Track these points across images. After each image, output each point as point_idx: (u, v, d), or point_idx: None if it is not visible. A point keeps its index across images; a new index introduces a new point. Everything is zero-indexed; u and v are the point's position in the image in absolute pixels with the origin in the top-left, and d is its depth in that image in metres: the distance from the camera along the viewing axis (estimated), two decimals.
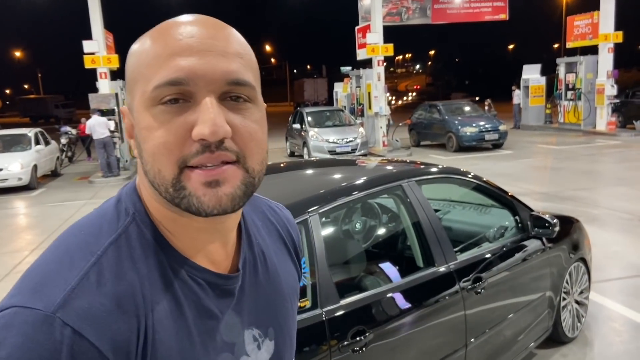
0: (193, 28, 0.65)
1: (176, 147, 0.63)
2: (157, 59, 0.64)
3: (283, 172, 3.19)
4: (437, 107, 16.29)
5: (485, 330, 2.74)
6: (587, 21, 17.96)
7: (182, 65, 0.62)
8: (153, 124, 0.64)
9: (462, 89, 60.41)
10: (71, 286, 0.61)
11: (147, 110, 0.64)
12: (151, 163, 0.65)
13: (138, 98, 0.66)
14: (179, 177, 0.63)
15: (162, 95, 0.63)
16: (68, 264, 0.63)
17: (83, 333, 0.58)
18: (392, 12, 17.62)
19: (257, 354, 0.77)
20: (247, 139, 0.65)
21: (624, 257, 5.39)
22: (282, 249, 0.88)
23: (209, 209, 0.64)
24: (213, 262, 0.73)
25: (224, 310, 0.72)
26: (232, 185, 0.64)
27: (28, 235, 8.04)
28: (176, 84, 0.62)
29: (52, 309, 0.58)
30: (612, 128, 16.72)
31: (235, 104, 0.65)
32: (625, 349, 3.61)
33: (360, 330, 2.10)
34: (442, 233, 2.66)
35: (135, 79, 0.67)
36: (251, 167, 0.66)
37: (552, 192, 8.70)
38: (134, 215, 0.70)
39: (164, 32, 0.66)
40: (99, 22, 13.60)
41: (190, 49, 0.63)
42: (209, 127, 0.61)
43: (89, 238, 0.67)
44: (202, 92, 0.63)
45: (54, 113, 46.96)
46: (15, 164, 11.62)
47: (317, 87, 48.64)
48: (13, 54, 75.39)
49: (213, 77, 0.63)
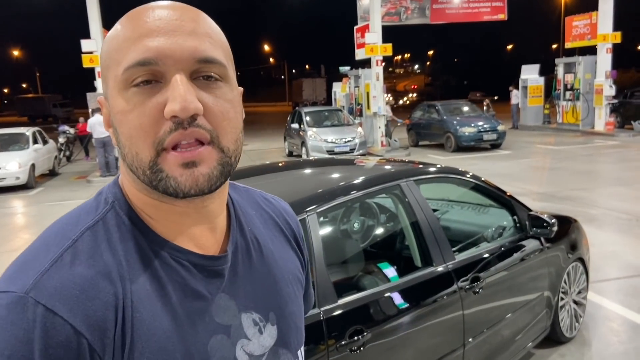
0: (162, 11, 0.66)
1: (151, 129, 0.63)
2: (126, 42, 0.65)
3: (281, 172, 3.18)
4: (436, 107, 16.29)
5: (483, 330, 2.74)
6: (585, 21, 17.98)
7: (150, 45, 0.63)
8: (126, 107, 0.64)
9: (462, 90, 60.40)
10: (45, 267, 0.61)
11: (120, 93, 0.65)
12: (128, 146, 0.65)
13: (111, 83, 0.66)
14: (156, 160, 0.64)
15: (133, 77, 0.64)
16: (44, 251, 0.64)
17: (55, 310, 0.58)
18: (390, 12, 17.63)
19: (260, 338, 0.76)
20: (220, 118, 0.66)
21: (622, 257, 5.39)
22: (280, 237, 0.87)
23: (186, 189, 0.65)
24: (200, 246, 0.73)
25: (213, 291, 0.72)
26: (208, 165, 0.65)
27: (26, 234, 8.02)
28: (145, 64, 0.63)
29: (25, 290, 0.59)
30: (610, 128, 16.75)
31: (207, 83, 0.66)
32: (623, 349, 3.62)
33: (358, 330, 2.10)
34: (441, 233, 2.66)
35: (107, 65, 0.67)
36: (226, 147, 0.67)
37: (550, 192, 8.71)
38: (112, 204, 0.70)
39: (133, 17, 0.66)
40: (97, 21, 13.58)
41: (158, 30, 0.64)
42: (179, 102, 0.62)
43: (67, 227, 0.68)
44: (171, 71, 0.63)
45: (52, 112, 46.87)
46: (13, 163, 11.60)
47: (315, 87, 48.65)
48: (11, 53, 75.24)
49: (181, 55, 0.64)
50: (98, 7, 13.61)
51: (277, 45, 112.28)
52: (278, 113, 34.97)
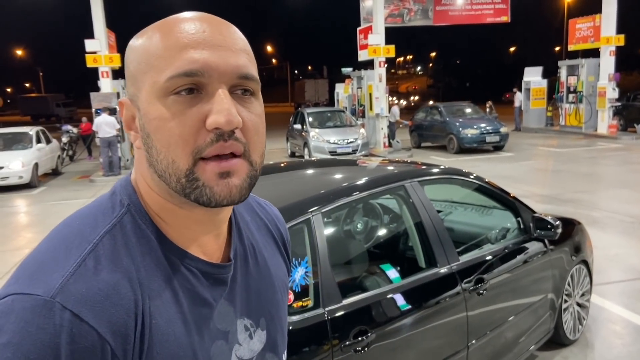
0: (202, 24, 0.67)
1: (191, 138, 0.64)
2: (169, 51, 0.65)
3: (285, 172, 3.18)
4: (439, 109, 16.28)
5: (487, 332, 2.73)
6: (589, 24, 17.96)
7: (197, 57, 0.64)
8: (166, 114, 0.65)
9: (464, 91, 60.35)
10: (69, 272, 0.62)
11: (159, 100, 0.66)
12: (164, 153, 0.66)
13: (148, 88, 0.67)
14: (193, 169, 0.65)
15: (175, 85, 0.65)
16: (64, 252, 0.64)
17: (82, 316, 0.59)
18: (393, 13, 17.62)
19: (250, 343, 0.78)
20: (252, 132, 0.68)
21: (625, 259, 5.38)
22: (271, 244, 0.90)
23: (220, 199, 0.66)
24: (205, 253, 0.74)
25: (217, 298, 0.74)
26: (240, 177, 0.67)
27: (29, 233, 8.04)
28: (191, 75, 0.64)
29: (51, 294, 0.59)
30: (613, 131, 16.72)
31: (242, 97, 0.68)
32: (626, 352, 3.61)
33: (362, 330, 2.10)
34: (445, 234, 2.66)
35: (143, 70, 0.68)
36: (254, 160, 0.69)
37: (553, 194, 8.70)
38: (128, 207, 0.71)
39: (173, 26, 0.67)
40: (101, 21, 13.61)
41: (203, 43, 0.65)
42: (224, 116, 0.63)
43: (85, 228, 0.68)
44: (214, 84, 0.65)
45: (55, 112, 46.95)
46: (17, 162, 11.62)
47: (318, 88, 48.66)
48: (14, 53, 75.44)
49: (225, 70, 0.66)
50: (102, 7, 13.64)
51: (280, 46, 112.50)
52: (280, 114, 35.01)
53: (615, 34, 16.83)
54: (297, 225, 2.14)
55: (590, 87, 17.73)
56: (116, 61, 13.85)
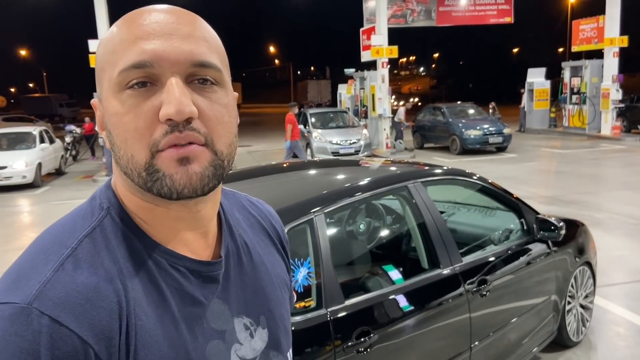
0: (159, 15, 0.66)
1: (146, 131, 0.63)
2: (121, 44, 0.64)
3: (288, 172, 3.18)
4: (441, 110, 16.26)
5: (490, 333, 2.72)
6: (592, 25, 17.93)
7: (146, 48, 0.63)
8: (121, 110, 0.64)
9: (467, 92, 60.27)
10: (46, 277, 0.60)
11: (114, 96, 0.65)
12: (124, 149, 0.65)
13: (105, 85, 0.66)
14: (151, 162, 0.64)
15: (128, 79, 0.63)
16: (43, 259, 0.63)
17: (61, 321, 0.58)
18: (396, 14, 17.61)
19: (251, 342, 0.77)
20: (214, 122, 0.66)
21: (628, 261, 5.36)
22: (266, 241, 0.88)
23: (180, 187, 0.64)
24: (193, 252, 0.73)
25: (209, 297, 0.72)
26: (200, 164, 0.65)
27: (31, 233, 8.06)
28: (141, 66, 0.63)
29: (28, 301, 0.58)
30: (616, 132, 16.67)
31: (202, 87, 0.66)
32: (630, 354, 3.59)
33: (364, 331, 2.09)
34: (448, 235, 2.65)
35: (102, 67, 0.67)
36: (219, 150, 0.67)
37: (556, 195, 8.67)
38: (108, 209, 0.70)
39: (129, 20, 0.66)
40: (104, 21, 13.64)
41: (154, 33, 0.64)
42: (174, 105, 0.62)
43: (64, 234, 0.67)
44: (167, 74, 0.63)
45: (58, 112, 47.08)
46: (20, 161, 11.66)
47: (320, 89, 48.71)
48: (18, 53, 75.68)
49: (177, 58, 0.63)
50: (106, 7, 13.67)
51: (283, 46, 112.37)
52: (283, 114, 34.92)
53: (619, 35, 16.78)
54: (300, 225, 2.14)
55: (593, 88, 17.68)
56: None
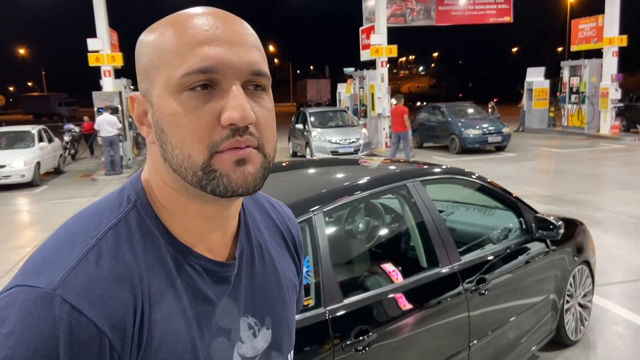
0: (215, 20, 0.68)
1: (207, 133, 0.66)
2: (183, 47, 0.66)
3: (288, 171, 3.18)
4: (441, 109, 16.26)
5: (488, 332, 2.73)
6: (591, 24, 17.93)
7: (211, 54, 0.66)
8: (180, 110, 0.66)
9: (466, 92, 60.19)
10: (71, 266, 0.64)
11: (173, 96, 0.67)
12: (180, 148, 0.67)
13: (162, 84, 0.68)
14: (209, 162, 0.66)
15: (190, 82, 0.66)
16: (69, 247, 0.66)
17: (81, 309, 0.61)
18: (396, 13, 17.61)
19: (253, 341, 0.79)
20: (264, 126, 0.69)
21: (627, 260, 5.37)
22: (281, 244, 0.90)
23: (236, 187, 0.67)
24: (211, 249, 0.75)
25: (220, 296, 0.75)
26: (254, 165, 0.68)
27: (30, 231, 8.05)
28: (206, 71, 0.65)
29: (52, 287, 0.62)
30: (615, 132, 16.68)
31: (255, 93, 0.69)
32: (628, 353, 3.60)
33: (363, 330, 2.09)
34: (446, 234, 2.65)
35: (156, 65, 0.68)
36: (268, 153, 0.70)
37: (555, 195, 8.68)
38: (135, 202, 0.72)
39: (186, 22, 0.68)
40: (103, 20, 13.62)
41: (217, 39, 0.67)
42: (239, 112, 0.65)
43: (90, 224, 0.70)
44: (228, 80, 0.66)
45: (57, 111, 47.05)
46: (19, 160, 11.65)
47: (320, 88, 48.62)
48: (17, 52, 75.58)
49: (239, 66, 0.67)
50: (104, 6, 13.65)
51: (282, 46, 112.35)
52: (282, 113, 34.95)
53: (618, 35, 16.78)
54: (299, 224, 2.13)
55: (592, 87, 17.69)
56: (118, 60, 13.87)
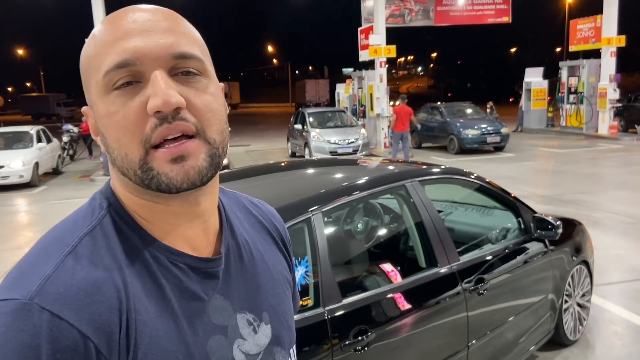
0: (137, 14, 0.67)
1: (137, 127, 0.64)
2: (103, 46, 0.65)
3: (287, 171, 3.18)
4: (439, 109, 16.27)
5: (487, 332, 2.73)
6: (590, 25, 17.95)
7: (127, 46, 0.64)
8: (111, 110, 0.65)
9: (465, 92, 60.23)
10: (47, 274, 0.62)
11: (102, 99, 0.66)
12: (117, 149, 0.66)
13: (93, 90, 0.67)
14: (146, 159, 0.65)
15: (113, 80, 0.64)
16: (44, 257, 0.65)
17: (61, 315, 0.59)
18: (395, 13, 17.62)
19: (254, 337, 0.78)
20: (203, 110, 0.67)
21: (625, 260, 5.38)
22: (268, 240, 0.89)
23: (178, 184, 0.65)
24: (194, 248, 0.74)
25: (209, 292, 0.73)
26: (196, 157, 0.66)
27: (29, 232, 8.04)
28: (124, 65, 0.63)
29: (29, 297, 0.60)
30: (614, 132, 16.70)
31: (187, 78, 0.66)
32: (627, 352, 3.61)
33: (362, 330, 2.09)
34: (445, 234, 2.65)
35: (88, 73, 0.68)
36: (212, 138, 0.67)
37: (554, 195, 8.69)
38: (108, 209, 0.71)
39: (109, 22, 0.67)
40: (102, 20, 13.60)
41: (132, 31, 0.65)
42: (160, 97, 0.62)
43: (65, 233, 0.68)
44: (150, 69, 0.64)
45: (55, 111, 46.99)
46: (17, 161, 11.63)
47: (318, 88, 48.61)
48: (15, 52, 75.49)
49: (158, 52, 0.64)
50: (103, 7, 13.64)
51: (281, 46, 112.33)
52: (281, 114, 35.07)
53: (617, 35, 16.80)
54: (298, 224, 2.14)
55: (591, 88, 17.70)
56: None
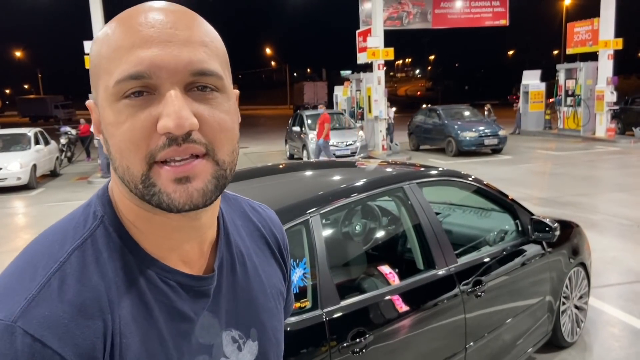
0: (155, 16, 0.62)
1: (143, 142, 0.61)
2: (117, 51, 0.62)
3: (285, 173, 3.19)
4: (437, 112, 16.30)
5: (485, 334, 2.73)
6: (587, 28, 18.01)
7: (143, 57, 0.60)
8: (118, 120, 0.62)
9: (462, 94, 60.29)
10: (32, 294, 0.59)
11: (111, 106, 0.62)
12: (119, 160, 0.63)
13: (102, 93, 0.64)
14: (148, 174, 0.62)
15: (124, 89, 0.61)
16: (30, 274, 0.62)
17: (45, 341, 0.57)
18: (392, 16, 17.67)
19: (238, 355, 0.75)
20: (216, 130, 0.63)
21: (622, 262, 5.39)
22: (264, 250, 0.86)
23: (180, 205, 0.62)
24: (187, 262, 0.71)
25: (198, 312, 0.70)
26: (202, 180, 0.63)
27: (26, 234, 8.02)
28: (138, 77, 0.60)
29: (13, 318, 0.58)
30: (611, 134, 16.75)
31: (202, 94, 0.63)
32: (624, 354, 3.61)
33: (360, 332, 2.10)
34: (443, 236, 2.66)
35: (97, 73, 0.64)
36: (221, 159, 0.64)
37: (551, 197, 8.71)
38: (102, 218, 0.68)
39: (125, 21, 0.63)
40: (100, 22, 13.61)
41: (150, 40, 0.61)
42: (173, 120, 0.59)
43: (53, 246, 0.65)
44: (165, 84, 0.61)
45: (53, 113, 46.90)
46: (15, 163, 11.61)
47: (317, 90, 48.68)
48: (13, 54, 75.40)
49: (176, 68, 0.61)
50: (101, 9, 13.65)
51: (279, 48, 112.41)
52: (279, 116, 35.11)
53: (614, 38, 16.86)
54: (296, 226, 2.14)
55: (588, 90, 17.77)
56: None
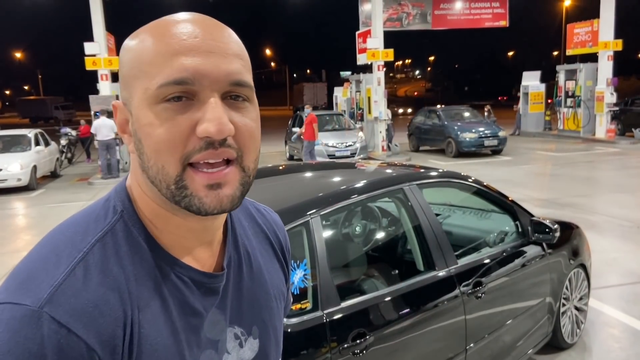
0: (195, 28, 0.66)
1: (180, 144, 0.64)
2: (160, 57, 0.65)
3: (285, 175, 3.19)
4: (437, 113, 16.31)
5: (485, 335, 2.74)
6: (587, 29, 18.03)
7: (187, 65, 0.64)
8: (156, 121, 0.65)
9: (462, 95, 60.29)
10: (58, 282, 0.62)
11: (150, 107, 0.65)
12: (154, 159, 0.65)
13: (139, 95, 0.66)
14: (182, 175, 0.65)
15: (166, 93, 0.64)
16: (55, 261, 0.64)
17: (70, 327, 0.59)
18: (392, 17, 17.68)
19: (239, 351, 0.78)
20: (247, 137, 0.68)
21: (623, 263, 5.39)
22: (269, 251, 0.89)
23: (210, 209, 0.66)
24: (198, 260, 0.74)
25: (208, 308, 0.73)
26: (232, 186, 0.67)
27: (27, 235, 8.03)
28: (182, 83, 0.64)
29: (39, 304, 0.60)
30: (611, 135, 16.76)
31: (235, 103, 0.67)
32: (624, 356, 3.61)
33: (360, 333, 2.10)
34: (443, 237, 2.66)
35: (135, 75, 0.67)
36: (247, 166, 0.69)
37: (551, 198, 8.71)
38: (121, 213, 0.71)
39: (166, 30, 0.67)
40: (100, 24, 13.63)
41: (194, 49, 0.65)
42: (215, 125, 0.63)
43: (76, 236, 0.68)
44: (205, 91, 0.65)
45: (53, 114, 46.93)
46: (15, 164, 11.61)
47: (316, 92, 48.71)
48: (13, 55, 75.46)
49: (217, 77, 0.65)
50: (102, 10, 13.67)
51: (279, 49, 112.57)
52: (279, 117, 35.14)
53: (614, 39, 16.89)
54: (296, 227, 2.14)
55: (588, 91, 17.79)
56: (115, 64, 13.86)
